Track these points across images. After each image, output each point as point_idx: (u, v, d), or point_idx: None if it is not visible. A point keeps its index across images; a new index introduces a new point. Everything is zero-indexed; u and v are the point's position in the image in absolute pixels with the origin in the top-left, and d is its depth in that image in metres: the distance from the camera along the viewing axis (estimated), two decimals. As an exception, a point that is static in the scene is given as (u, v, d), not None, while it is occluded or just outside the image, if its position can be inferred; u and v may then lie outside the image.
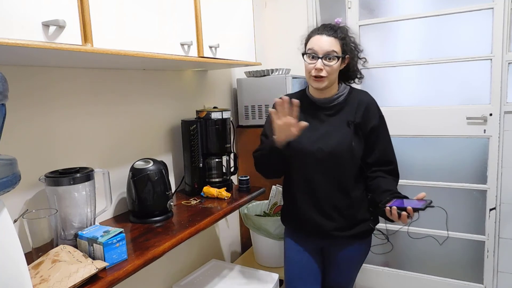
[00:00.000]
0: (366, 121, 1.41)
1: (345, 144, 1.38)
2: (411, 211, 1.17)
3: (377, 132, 1.41)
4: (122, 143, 1.53)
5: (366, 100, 1.44)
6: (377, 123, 1.41)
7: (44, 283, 0.89)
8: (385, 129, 1.45)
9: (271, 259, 2.09)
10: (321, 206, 1.43)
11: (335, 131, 1.40)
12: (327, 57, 1.34)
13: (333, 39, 1.36)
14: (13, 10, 0.81)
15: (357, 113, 1.41)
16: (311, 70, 1.37)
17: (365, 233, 1.48)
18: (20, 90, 1.15)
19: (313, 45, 1.37)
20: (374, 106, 1.44)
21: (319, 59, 1.34)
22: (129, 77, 1.55)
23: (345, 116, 1.41)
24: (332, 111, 1.44)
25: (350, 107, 1.43)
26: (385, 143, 1.44)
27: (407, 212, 1.17)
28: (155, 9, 1.22)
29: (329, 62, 1.35)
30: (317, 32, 1.39)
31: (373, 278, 2.45)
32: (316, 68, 1.35)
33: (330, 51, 1.34)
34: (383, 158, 1.43)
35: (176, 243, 1.24)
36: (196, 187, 1.74)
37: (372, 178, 1.42)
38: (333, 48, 1.35)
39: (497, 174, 2.06)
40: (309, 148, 1.40)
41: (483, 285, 2.18)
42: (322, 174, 1.41)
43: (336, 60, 1.36)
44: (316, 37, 1.38)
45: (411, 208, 1.17)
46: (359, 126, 1.40)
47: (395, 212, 1.20)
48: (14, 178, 0.65)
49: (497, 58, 1.98)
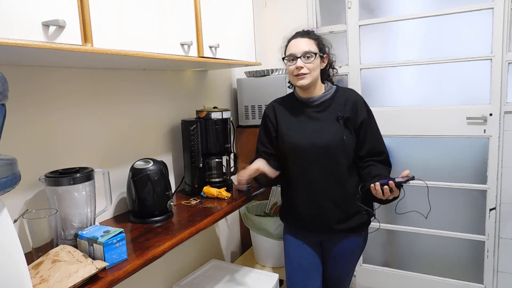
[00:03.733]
0: (355, 116, 1.48)
1: (337, 138, 1.45)
2: (392, 184, 1.28)
3: (366, 126, 1.49)
4: (122, 143, 1.54)
5: (354, 96, 1.52)
6: (366, 117, 1.49)
7: (44, 283, 0.89)
8: (374, 122, 1.53)
9: (271, 259, 2.09)
10: (318, 200, 1.49)
11: (326, 126, 1.47)
12: (305, 55, 1.44)
13: (308, 39, 1.47)
14: (13, 10, 0.81)
15: (346, 108, 1.48)
16: (293, 71, 1.46)
17: (361, 226, 1.53)
18: (20, 90, 1.15)
19: (290, 49, 1.48)
20: (361, 101, 1.52)
21: (298, 59, 1.44)
22: (129, 77, 1.55)
23: (334, 112, 1.49)
24: (320, 108, 1.51)
25: (338, 103, 1.50)
26: (375, 135, 1.51)
27: (389, 186, 1.28)
28: (155, 9, 1.22)
29: (307, 60, 1.44)
30: (292, 38, 1.51)
31: (373, 278, 2.45)
32: (296, 67, 1.44)
33: (307, 50, 1.44)
34: (374, 149, 1.49)
35: (176, 243, 1.24)
36: (196, 187, 1.74)
37: (364, 167, 1.48)
38: (309, 48, 1.45)
39: (497, 174, 2.06)
40: (302, 144, 1.48)
41: (483, 285, 2.18)
42: (317, 168, 1.47)
43: (314, 57, 1.45)
44: (292, 42, 1.50)
45: (392, 182, 1.28)
46: (349, 120, 1.47)
47: (379, 187, 1.31)
48: (14, 178, 0.65)
49: (497, 58, 1.98)
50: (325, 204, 1.48)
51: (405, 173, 1.29)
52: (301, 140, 1.49)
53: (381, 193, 1.31)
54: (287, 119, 1.55)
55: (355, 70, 2.33)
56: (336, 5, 2.35)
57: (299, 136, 1.49)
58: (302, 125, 1.51)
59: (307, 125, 1.50)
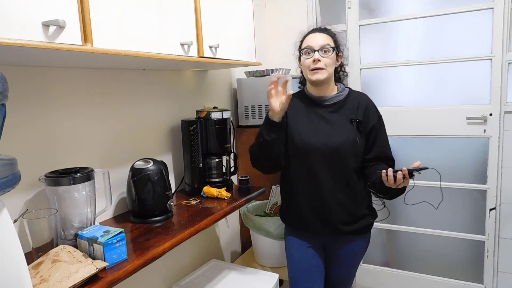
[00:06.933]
0: (366, 120, 1.47)
1: (350, 140, 1.44)
2: (405, 171, 1.25)
3: (376, 131, 1.48)
4: (122, 143, 1.53)
5: (366, 101, 1.51)
6: (377, 122, 1.48)
7: (44, 283, 0.89)
8: (383, 128, 1.52)
9: (271, 259, 2.09)
10: (325, 201, 1.47)
11: (339, 127, 1.46)
12: (323, 49, 1.43)
13: (326, 35, 1.47)
14: (13, 10, 0.81)
15: (358, 111, 1.47)
16: (309, 64, 1.43)
17: (365, 228, 1.53)
18: (20, 90, 1.15)
19: (308, 42, 1.46)
20: (373, 106, 1.51)
21: (315, 52, 1.42)
22: (129, 77, 1.55)
23: (347, 114, 1.47)
24: (333, 108, 1.49)
25: (351, 106, 1.48)
26: (383, 142, 1.50)
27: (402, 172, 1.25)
28: (155, 9, 1.22)
29: (325, 54, 1.43)
30: (310, 32, 1.49)
31: (373, 278, 2.45)
32: (314, 59, 1.42)
33: (325, 44, 1.43)
34: (382, 155, 1.48)
35: (176, 243, 1.24)
36: (196, 187, 1.74)
37: (370, 166, 1.48)
38: (327, 41, 1.44)
39: (497, 174, 2.06)
40: (313, 144, 1.45)
41: (483, 285, 2.18)
42: (327, 169, 1.45)
43: (331, 52, 1.44)
44: (310, 35, 1.48)
45: (405, 169, 1.25)
46: (361, 124, 1.46)
47: (391, 173, 1.27)
48: (14, 178, 0.65)
49: (497, 58, 1.98)
50: (332, 206, 1.46)
51: (416, 164, 1.26)
52: (313, 140, 1.45)
53: (393, 180, 1.27)
54: (298, 117, 1.51)
55: (355, 70, 2.33)
56: (336, 5, 2.35)
57: (311, 136, 1.45)
58: (314, 125, 1.47)
59: (320, 125, 1.46)
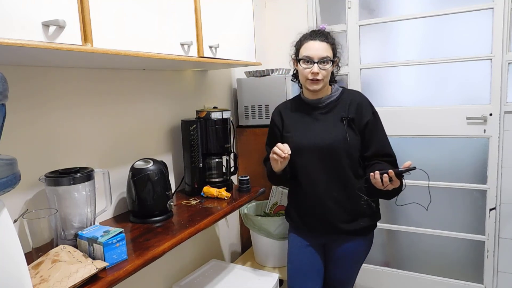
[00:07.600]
0: (359, 117, 1.48)
1: (340, 138, 1.45)
2: (392, 173, 1.27)
3: (371, 127, 1.48)
4: (122, 143, 1.53)
5: (358, 98, 1.52)
6: (371, 118, 1.48)
7: (44, 283, 0.89)
8: (380, 124, 1.52)
9: (271, 259, 2.09)
10: (322, 200, 1.49)
11: (330, 127, 1.48)
12: (322, 62, 1.43)
13: (326, 44, 1.45)
14: (13, 10, 0.81)
15: (350, 109, 1.48)
16: (307, 74, 1.45)
17: (366, 229, 1.53)
18: (20, 90, 1.15)
19: (307, 51, 1.45)
20: (366, 102, 1.52)
21: (315, 64, 1.43)
22: (129, 77, 1.55)
23: (338, 113, 1.49)
24: (325, 109, 1.52)
25: (343, 105, 1.50)
26: (381, 137, 1.50)
27: (388, 175, 1.27)
28: (155, 9, 1.22)
29: (324, 66, 1.44)
30: (310, 38, 1.47)
31: (373, 278, 2.45)
32: (313, 72, 1.43)
33: (325, 56, 1.43)
34: (380, 151, 1.48)
35: (176, 243, 1.24)
36: (196, 187, 1.74)
37: (370, 165, 1.47)
38: (327, 53, 1.44)
39: (497, 174, 2.06)
40: (307, 145, 1.49)
41: (483, 285, 2.18)
42: (321, 169, 1.48)
43: (330, 64, 1.45)
44: (309, 42, 1.46)
45: (392, 171, 1.27)
46: (353, 121, 1.47)
47: (378, 175, 1.29)
48: (14, 178, 0.65)
49: (497, 58, 1.98)
50: (329, 204, 1.48)
51: (406, 164, 1.29)
52: (304, 141, 1.50)
53: (380, 182, 1.30)
54: (293, 122, 1.57)
55: (355, 70, 2.33)
56: (336, 5, 2.35)
57: (302, 137, 1.51)
58: (306, 126, 1.52)
59: (311, 126, 1.51)
